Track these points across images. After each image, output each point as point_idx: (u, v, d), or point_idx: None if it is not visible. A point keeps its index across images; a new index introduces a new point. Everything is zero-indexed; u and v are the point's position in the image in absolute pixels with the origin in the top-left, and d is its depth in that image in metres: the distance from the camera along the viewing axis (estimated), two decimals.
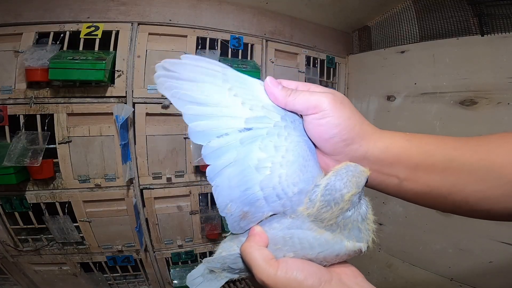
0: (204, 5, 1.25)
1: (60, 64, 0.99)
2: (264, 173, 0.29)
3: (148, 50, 1.18)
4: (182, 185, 1.30)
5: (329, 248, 0.29)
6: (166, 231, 1.34)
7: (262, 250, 0.28)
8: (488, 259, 1.05)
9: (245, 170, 0.29)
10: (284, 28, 1.43)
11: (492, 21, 1.07)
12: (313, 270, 0.27)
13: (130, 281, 1.41)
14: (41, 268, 1.23)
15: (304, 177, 0.29)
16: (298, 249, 0.29)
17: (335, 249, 0.29)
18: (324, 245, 0.29)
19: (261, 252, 0.28)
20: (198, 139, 0.29)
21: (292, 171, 0.29)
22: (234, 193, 0.30)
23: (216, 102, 0.29)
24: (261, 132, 0.29)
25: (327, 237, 0.29)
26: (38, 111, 1.06)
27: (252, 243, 0.29)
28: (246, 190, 0.29)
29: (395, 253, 1.38)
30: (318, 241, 0.29)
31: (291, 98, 0.30)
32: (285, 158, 0.29)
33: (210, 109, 0.29)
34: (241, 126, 0.29)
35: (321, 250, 0.29)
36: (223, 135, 0.29)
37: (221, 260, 0.32)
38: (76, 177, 1.14)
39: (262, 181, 0.29)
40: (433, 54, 1.24)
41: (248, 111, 0.29)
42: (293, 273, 0.26)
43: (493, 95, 1.05)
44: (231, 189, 0.30)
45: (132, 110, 1.13)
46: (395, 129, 1.31)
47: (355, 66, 1.66)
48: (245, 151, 0.29)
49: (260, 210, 0.30)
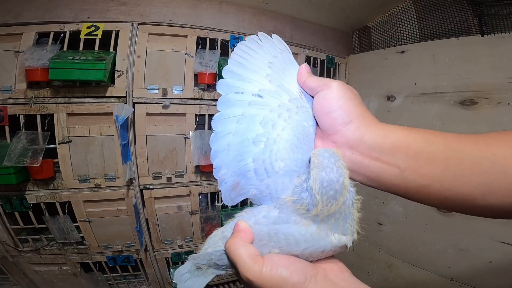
0: (204, 5, 1.25)
1: (60, 64, 0.99)
2: (259, 146, 0.31)
3: (148, 50, 1.18)
4: (182, 185, 1.30)
5: (314, 244, 0.28)
6: (166, 231, 1.34)
7: (247, 246, 0.28)
8: (488, 259, 1.05)
9: (243, 141, 0.31)
10: (284, 28, 1.43)
11: (492, 21, 1.07)
12: (299, 266, 0.27)
13: (130, 281, 1.41)
14: (41, 268, 1.23)
15: (293, 156, 0.31)
16: (284, 245, 0.28)
17: (321, 245, 0.28)
18: (309, 241, 0.28)
19: (246, 249, 0.28)
20: (221, 89, 0.32)
21: (283, 148, 0.31)
22: (229, 159, 0.31)
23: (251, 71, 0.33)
24: (266, 106, 0.32)
25: (313, 231, 0.28)
26: (38, 111, 1.06)
27: (237, 239, 0.29)
28: (241, 161, 0.31)
29: (395, 253, 1.38)
30: (303, 237, 0.28)
31: (309, 78, 0.33)
32: (279, 136, 0.31)
33: (242, 72, 0.33)
34: (255, 91, 0.32)
35: (307, 246, 0.28)
36: (239, 93, 0.32)
37: (207, 256, 0.32)
38: (76, 177, 1.14)
39: (256, 153, 0.31)
40: (433, 54, 1.24)
41: (267, 83, 0.33)
42: (278, 270, 0.26)
43: (493, 95, 1.05)
44: (228, 154, 0.31)
45: (132, 110, 1.14)
46: None
47: (355, 66, 1.66)
48: (248, 119, 0.32)
49: (249, 182, 0.31)
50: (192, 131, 1.26)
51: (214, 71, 1.23)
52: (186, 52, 1.23)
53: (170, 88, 1.21)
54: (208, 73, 1.22)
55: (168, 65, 1.21)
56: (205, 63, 1.23)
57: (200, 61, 1.23)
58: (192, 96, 1.25)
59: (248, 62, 0.33)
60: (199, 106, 1.27)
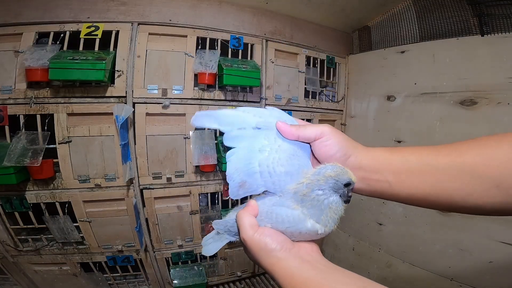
0: (204, 5, 1.25)
1: (60, 64, 0.99)
2: (264, 154, 0.39)
3: (148, 50, 1.18)
4: (182, 185, 1.30)
5: (294, 225, 0.36)
6: (166, 231, 1.34)
7: (250, 217, 0.38)
8: (488, 259, 1.05)
9: (251, 151, 0.39)
10: (284, 28, 1.43)
11: (492, 21, 1.07)
12: (280, 239, 0.36)
13: (130, 281, 1.41)
14: (41, 268, 1.23)
15: (291, 163, 0.39)
16: (274, 222, 0.37)
17: (299, 227, 0.36)
18: (291, 221, 0.36)
19: (249, 219, 0.38)
20: (225, 128, 0.40)
21: (283, 156, 0.39)
22: (240, 164, 0.39)
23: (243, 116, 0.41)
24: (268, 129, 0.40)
25: (295, 214, 0.36)
26: (38, 111, 1.06)
27: (245, 211, 0.38)
28: (249, 164, 0.39)
29: (395, 253, 1.38)
30: (288, 218, 0.37)
31: (301, 131, 0.40)
32: (280, 147, 0.39)
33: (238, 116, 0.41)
34: (253, 125, 0.40)
35: (289, 225, 0.36)
36: (242, 128, 0.40)
37: (224, 223, 0.43)
38: (76, 177, 1.14)
39: (261, 159, 0.39)
40: (433, 54, 1.24)
41: (259, 119, 0.41)
42: (264, 237, 0.36)
43: (493, 95, 1.05)
44: (238, 161, 0.40)
45: (132, 110, 1.14)
46: (395, 129, 1.31)
47: (355, 66, 1.66)
48: (254, 137, 0.40)
49: (255, 182, 0.39)
50: (192, 131, 1.26)
51: (214, 71, 1.23)
52: (186, 52, 1.23)
53: (170, 88, 1.21)
54: (208, 73, 1.22)
55: (168, 65, 1.21)
56: (205, 63, 1.23)
57: (200, 61, 1.23)
58: (192, 96, 1.25)
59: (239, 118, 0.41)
60: (199, 106, 1.27)
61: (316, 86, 1.57)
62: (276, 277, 0.35)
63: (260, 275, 1.65)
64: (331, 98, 1.69)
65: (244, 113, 0.41)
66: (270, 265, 0.35)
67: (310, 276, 0.33)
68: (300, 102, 1.52)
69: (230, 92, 1.33)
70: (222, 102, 1.32)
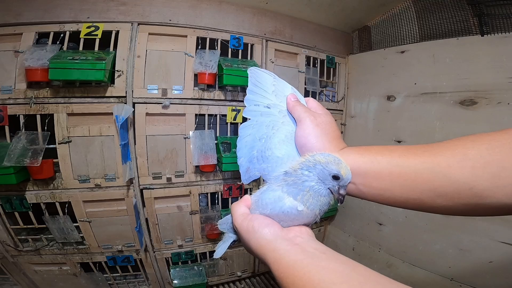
0: (204, 5, 1.25)
1: (60, 64, 0.99)
2: (261, 141, 0.44)
3: (148, 50, 1.18)
4: (182, 185, 1.30)
5: (275, 205, 0.38)
6: (166, 231, 1.34)
7: (242, 207, 0.41)
8: (488, 259, 1.05)
9: (254, 140, 0.45)
10: (284, 28, 1.43)
11: (492, 21, 1.07)
12: (267, 221, 0.37)
13: (130, 281, 1.41)
14: (41, 268, 1.23)
15: (279, 147, 0.43)
16: (260, 207, 0.39)
17: (279, 205, 0.37)
18: (272, 203, 0.38)
19: (240, 208, 0.40)
20: (246, 103, 0.46)
21: (274, 142, 0.43)
22: (246, 151, 0.46)
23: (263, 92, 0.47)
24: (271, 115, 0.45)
25: (276, 195, 0.38)
26: (38, 111, 1.06)
27: (238, 203, 0.42)
28: (251, 151, 0.45)
29: (395, 253, 1.38)
30: (270, 200, 0.38)
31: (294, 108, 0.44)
32: (274, 134, 0.44)
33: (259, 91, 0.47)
34: (265, 104, 0.46)
35: (272, 207, 0.38)
36: (256, 105, 0.46)
37: (225, 220, 0.46)
38: (76, 177, 1.14)
39: (259, 146, 0.44)
40: (433, 54, 1.24)
41: (273, 97, 0.46)
42: (251, 222, 0.37)
43: (493, 95, 1.05)
44: (246, 148, 0.46)
45: (132, 110, 1.14)
46: (395, 129, 1.31)
47: (355, 66, 1.66)
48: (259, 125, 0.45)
49: (254, 166, 0.44)
50: (192, 131, 1.26)
51: (214, 71, 1.23)
52: (186, 52, 1.23)
53: (170, 88, 1.21)
54: (208, 73, 1.22)
55: (168, 65, 1.21)
56: (205, 63, 1.23)
57: (200, 61, 1.23)
58: (192, 96, 1.25)
59: (260, 83, 0.47)
60: (199, 106, 1.27)
61: (316, 86, 1.57)
62: (267, 261, 0.34)
63: (260, 275, 1.65)
64: (331, 98, 1.69)
65: (270, 86, 0.46)
66: (259, 248, 0.35)
67: (297, 259, 0.31)
68: None
69: (230, 92, 1.33)
70: (222, 102, 1.32)
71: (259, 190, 0.42)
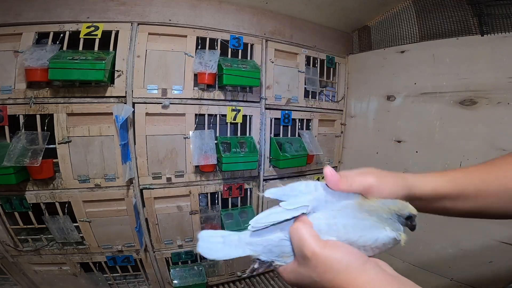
0: (204, 5, 1.25)
1: (60, 64, 0.99)
2: None
3: (148, 50, 1.18)
4: (182, 185, 1.30)
5: (370, 232, 0.34)
6: (166, 231, 1.34)
7: (310, 228, 0.34)
8: (488, 259, 1.05)
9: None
10: (284, 28, 1.43)
11: (492, 21, 1.07)
12: (353, 250, 0.32)
13: (130, 281, 1.41)
14: (41, 268, 1.23)
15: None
16: (342, 233, 0.34)
17: (375, 233, 0.34)
18: (366, 229, 0.34)
19: (308, 230, 0.33)
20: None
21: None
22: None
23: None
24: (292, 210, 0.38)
25: (368, 223, 0.35)
26: (38, 111, 1.06)
27: (300, 223, 0.34)
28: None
29: (395, 253, 1.38)
30: (360, 226, 0.34)
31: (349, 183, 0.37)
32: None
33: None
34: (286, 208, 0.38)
35: (363, 233, 0.34)
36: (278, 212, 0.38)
37: (262, 242, 0.37)
38: (76, 177, 1.14)
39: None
40: (433, 54, 1.24)
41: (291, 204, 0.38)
42: (334, 251, 0.32)
43: (493, 95, 1.05)
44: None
45: (132, 110, 1.14)
46: (395, 128, 1.30)
47: (355, 66, 1.66)
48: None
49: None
50: (191, 131, 1.26)
51: (213, 71, 1.23)
52: (186, 52, 1.23)
53: (170, 88, 1.21)
54: (207, 73, 1.22)
55: (168, 65, 1.21)
56: (204, 63, 1.23)
57: (199, 61, 1.23)
58: (192, 96, 1.25)
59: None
60: (199, 106, 1.27)
61: (316, 86, 1.57)
62: None
63: (260, 275, 1.65)
64: (331, 98, 1.68)
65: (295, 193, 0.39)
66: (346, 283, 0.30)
67: None
68: (300, 102, 1.51)
69: (230, 92, 1.33)
70: (222, 102, 1.32)
71: (312, 213, 0.37)
